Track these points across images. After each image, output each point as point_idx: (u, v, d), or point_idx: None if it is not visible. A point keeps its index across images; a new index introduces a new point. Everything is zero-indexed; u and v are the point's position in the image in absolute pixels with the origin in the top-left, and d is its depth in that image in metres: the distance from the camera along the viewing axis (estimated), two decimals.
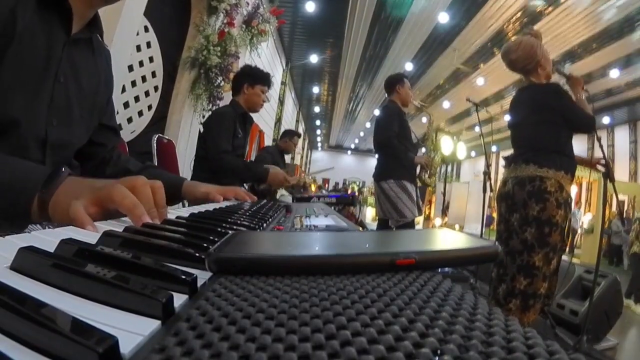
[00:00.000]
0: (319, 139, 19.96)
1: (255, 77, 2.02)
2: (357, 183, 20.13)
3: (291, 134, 3.87)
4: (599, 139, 2.10)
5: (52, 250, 0.26)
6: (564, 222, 1.71)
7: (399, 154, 2.59)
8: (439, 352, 0.15)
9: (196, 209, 0.71)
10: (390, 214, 2.61)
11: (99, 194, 0.43)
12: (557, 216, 1.68)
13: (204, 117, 3.01)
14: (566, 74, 1.88)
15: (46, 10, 0.63)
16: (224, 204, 0.89)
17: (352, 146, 21.92)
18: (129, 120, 2.44)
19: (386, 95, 2.87)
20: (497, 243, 0.32)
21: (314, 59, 7.49)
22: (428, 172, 2.87)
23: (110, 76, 0.87)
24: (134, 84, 2.43)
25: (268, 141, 6.34)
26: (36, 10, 0.62)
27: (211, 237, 0.36)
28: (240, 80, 2.04)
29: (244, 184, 2.38)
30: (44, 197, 0.44)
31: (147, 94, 2.58)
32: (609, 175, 2.06)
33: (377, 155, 2.83)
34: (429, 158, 2.89)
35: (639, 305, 3.87)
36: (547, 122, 1.76)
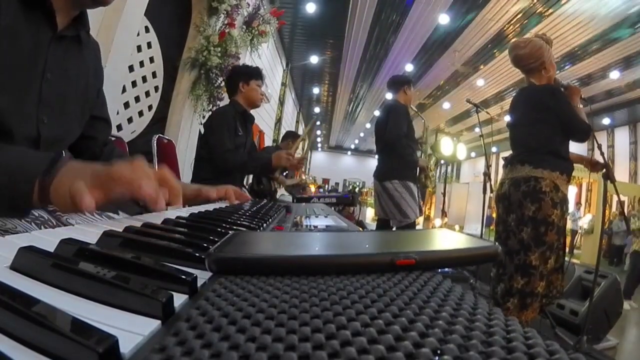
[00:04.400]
0: (319, 139, 19.96)
1: (248, 74, 2.03)
2: (357, 183, 20.13)
3: (293, 137, 3.86)
4: (599, 146, 2.10)
5: (52, 250, 0.26)
6: (560, 222, 1.71)
7: (407, 154, 2.60)
8: (439, 352, 0.15)
9: (196, 209, 0.71)
10: (393, 214, 2.61)
11: (100, 177, 0.43)
12: (552, 215, 1.69)
13: (204, 117, 3.01)
14: (564, 85, 1.89)
15: (29, 8, 0.63)
16: (223, 204, 0.89)
17: (352, 147, 21.93)
18: (129, 120, 2.44)
19: (391, 94, 2.88)
20: (496, 243, 0.32)
21: (314, 59, 7.49)
22: (425, 174, 2.89)
23: (99, 67, 0.86)
24: (134, 84, 2.43)
25: (268, 141, 6.34)
26: (19, 8, 0.61)
27: (211, 237, 0.36)
28: (234, 80, 2.05)
29: (245, 184, 2.38)
30: (45, 182, 0.44)
31: (147, 94, 2.58)
32: (608, 176, 2.06)
33: (378, 155, 2.82)
34: (426, 161, 2.91)
35: (627, 301, 3.83)
36: (542, 122, 1.76)
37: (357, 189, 15.60)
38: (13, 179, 0.45)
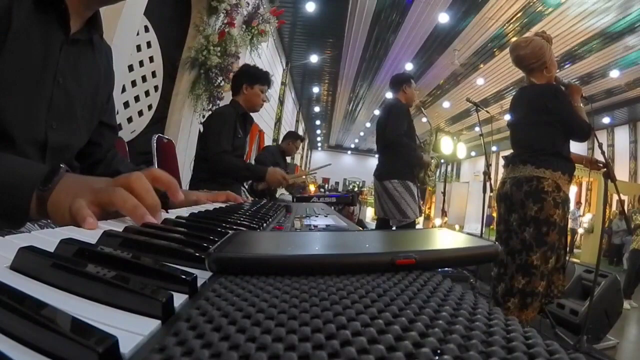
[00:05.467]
0: (318, 138, 19.96)
1: (254, 77, 1.98)
2: (357, 183, 20.15)
3: (294, 137, 3.85)
4: (600, 145, 2.11)
5: (52, 250, 0.26)
6: (562, 222, 1.72)
7: (409, 152, 2.61)
8: (439, 351, 0.15)
9: (196, 209, 0.71)
10: (393, 213, 2.62)
11: (99, 197, 0.43)
12: (554, 215, 1.69)
13: (204, 117, 3.01)
14: (565, 83, 1.89)
15: (43, 10, 0.62)
16: (223, 204, 0.89)
17: (352, 146, 21.93)
18: (129, 120, 2.44)
19: (391, 94, 2.88)
20: (497, 243, 0.32)
21: (314, 59, 7.49)
22: (426, 171, 2.89)
23: (110, 72, 0.85)
24: (134, 83, 2.43)
25: (268, 141, 6.34)
26: (32, 10, 0.60)
27: (211, 237, 0.36)
28: (240, 80, 2.01)
29: (244, 184, 2.37)
30: (42, 194, 0.44)
31: (147, 93, 2.58)
32: (609, 175, 2.06)
33: (378, 154, 2.82)
34: (429, 158, 2.91)
35: (627, 300, 3.84)
36: (544, 123, 1.77)
37: (357, 189, 15.62)
38: (10, 189, 0.44)
